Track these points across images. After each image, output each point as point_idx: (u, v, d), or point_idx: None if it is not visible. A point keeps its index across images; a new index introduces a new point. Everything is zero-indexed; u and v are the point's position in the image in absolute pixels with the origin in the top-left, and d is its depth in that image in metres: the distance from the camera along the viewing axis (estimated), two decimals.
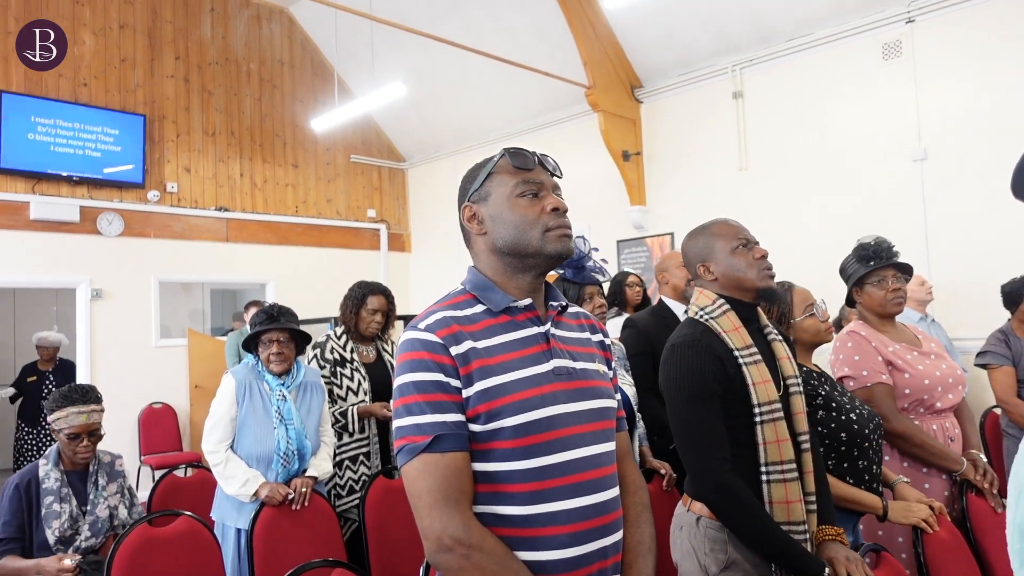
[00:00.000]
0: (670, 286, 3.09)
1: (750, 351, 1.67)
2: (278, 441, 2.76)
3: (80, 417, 2.57)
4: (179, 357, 6.86)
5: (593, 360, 1.31)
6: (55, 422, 2.58)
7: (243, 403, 2.81)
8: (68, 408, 2.57)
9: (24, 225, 6.03)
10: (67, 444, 2.58)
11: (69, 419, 2.56)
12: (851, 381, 2.36)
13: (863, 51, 4.99)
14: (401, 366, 1.19)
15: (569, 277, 2.53)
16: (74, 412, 2.57)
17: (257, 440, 2.76)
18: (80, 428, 2.56)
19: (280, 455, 2.76)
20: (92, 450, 2.63)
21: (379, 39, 7.10)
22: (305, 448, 2.84)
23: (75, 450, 2.58)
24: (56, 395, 2.60)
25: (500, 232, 1.25)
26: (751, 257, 1.75)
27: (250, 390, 2.83)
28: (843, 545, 1.64)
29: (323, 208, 8.18)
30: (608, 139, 6.04)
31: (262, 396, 2.83)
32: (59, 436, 2.59)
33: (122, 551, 2.23)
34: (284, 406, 2.81)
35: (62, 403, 2.58)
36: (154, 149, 6.88)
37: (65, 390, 2.62)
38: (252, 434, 2.78)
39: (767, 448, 1.60)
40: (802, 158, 5.31)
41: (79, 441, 2.58)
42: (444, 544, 1.09)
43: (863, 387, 2.32)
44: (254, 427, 2.78)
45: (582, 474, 1.18)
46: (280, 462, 2.75)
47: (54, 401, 2.59)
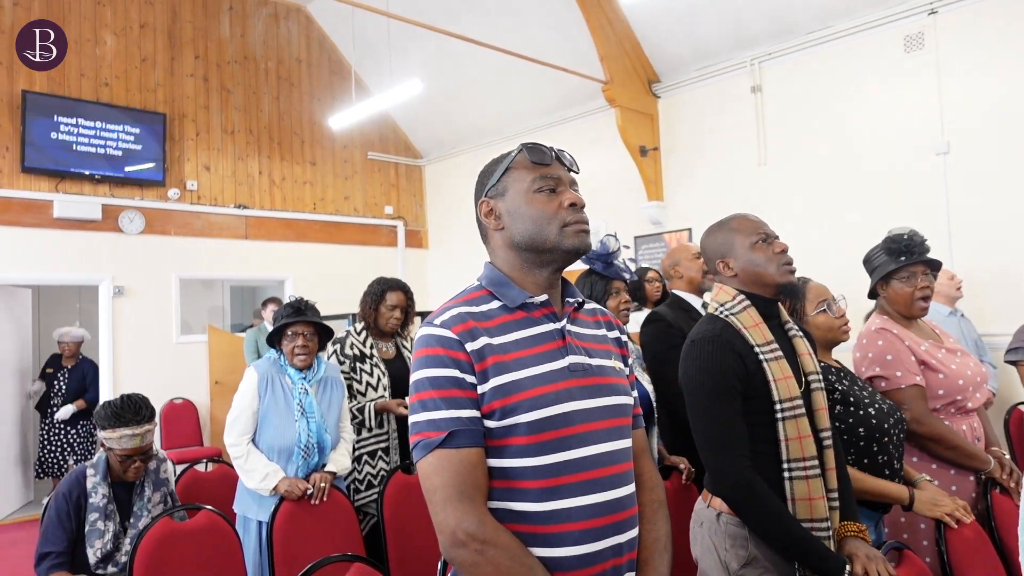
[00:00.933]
0: (684, 280, 3.01)
1: (771, 347, 1.65)
2: (299, 434, 2.79)
3: (134, 440, 2.48)
4: (199, 353, 6.93)
5: (609, 357, 1.30)
6: (106, 440, 2.48)
7: (265, 396, 2.84)
8: (121, 429, 2.46)
9: (48, 223, 6.12)
10: (118, 464, 2.51)
11: (122, 441, 2.46)
12: (883, 382, 2.26)
13: (885, 43, 4.91)
14: (417, 362, 1.19)
15: (599, 270, 2.54)
16: (128, 435, 2.46)
17: (278, 433, 2.80)
18: (133, 451, 2.49)
19: (301, 448, 2.79)
20: (144, 469, 2.57)
21: (396, 36, 7.11)
22: (325, 442, 2.86)
23: (126, 469, 2.51)
24: (108, 412, 2.48)
25: (518, 227, 1.24)
26: (771, 252, 1.72)
27: (272, 384, 2.86)
28: (864, 542, 1.62)
29: (341, 205, 8.22)
30: (625, 134, 6.01)
31: (284, 389, 2.87)
32: (110, 454, 2.51)
33: (144, 544, 2.25)
34: (306, 399, 2.84)
35: (114, 423, 2.46)
36: (174, 147, 6.95)
37: (117, 407, 2.49)
38: (273, 427, 2.81)
39: (789, 445, 1.59)
40: (822, 152, 5.24)
41: (131, 462, 2.51)
42: (458, 539, 1.09)
43: (896, 388, 2.23)
44: (275, 420, 2.81)
45: (597, 470, 1.17)
46: (300, 455, 2.78)
47: (106, 419, 2.47)
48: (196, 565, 2.34)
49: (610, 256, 2.51)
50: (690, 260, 3.00)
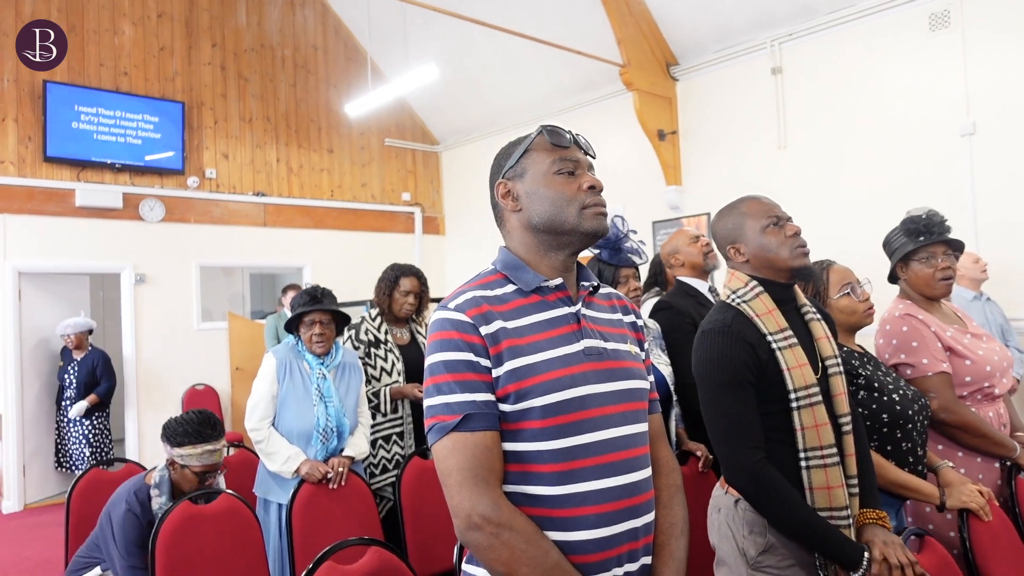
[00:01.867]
0: (687, 266, 2.93)
1: (784, 335, 1.62)
2: (317, 418, 2.84)
3: (214, 456, 2.49)
4: (220, 340, 7.01)
5: (625, 341, 1.29)
6: (184, 456, 2.44)
7: (284, 381, 2.88)
8: (203, 446, 2.45)
9: (71, 212, 6.20)
10: (194, 480, 2.47)
11: (203, 457, 2.45)
12: (908, 369, 2.21)
13: (909, 22, 4.80)
14: (431, 346, 1.19)
15: (605, 259, 2.49)
16: (208, 450, 2.46)
17: (297, 417, 2.84)
18: (211, 467, 2.49)
19: (319, 431, 2.83)
20: (213, 484, 2.56)
21: (411, 21, 7.08)
22: (343, 426, 2.90)
23: (201, 484, 2.49)
24: (188, 430, 2.45)
25: (536, 208, 1.23)
26: (783, 235, 1.68)
27: (290, 369, 2.90)
28: (884, 528, 1.60)
29: (358, 192, 8.24)
30: (643, 118, 5.95)
31: (302, 375, 2.91)
32: (182, 471, 2.47)
33: (164, 529, 2.28)
34: (324, 384, 2.88)
35: (196, 439, 2.44)
36: (193, 136, 6.99)
37: (196, 424, 2.46)
38: (292, 411, 2.85)
39: (805, 434, 1.56)
40: (844, 135, 5.16)
41: (208, 477, 2.51)
42: (473, 522, 1.09)
43: (922, 376, 2.18)
44: (294, 405, 2.86)
45: (612, 454, 1.16)
46: (319, 438, 2.82)
47: (185, 436, 2.44)
48: (217, 548, 2.37)
49: (618, 242, 2.46)
50: (688, 245, 2.93)
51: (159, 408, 6.49)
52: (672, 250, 2.98)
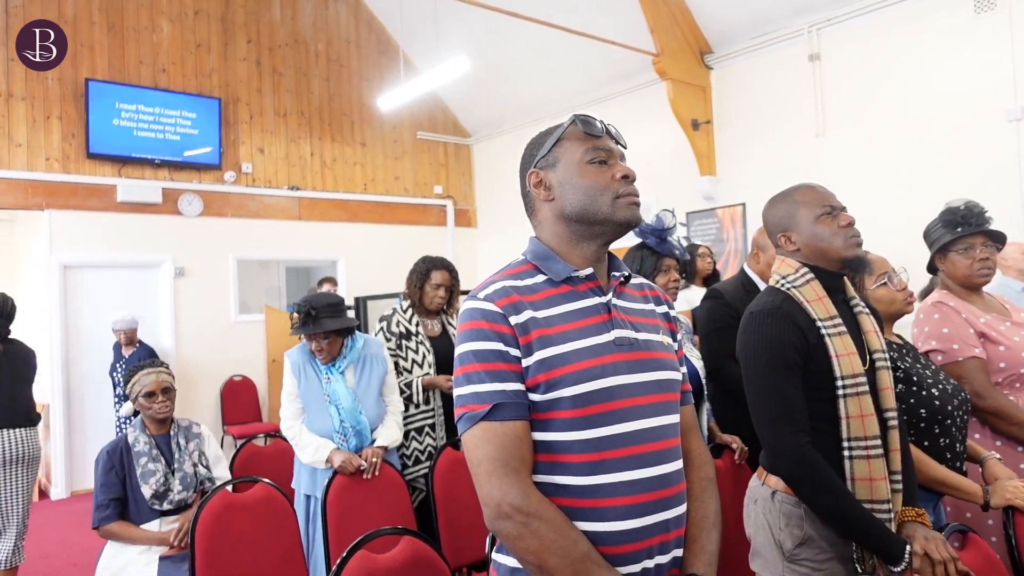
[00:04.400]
0: (762, 264, 2.88)
1: (834, 322, 1.59)
2: (332, 419, 2.87)
3: (153, 375, 2.85)
4: (257, 332, 7.13)
5: (657, 331, 1.27)
6: (131, 388, 2.86)
7: (300, 383, 2.92)
8: (139, 373, 2.87)
9: (113, 207, 6.36)
10: (145, 403, 2.83)
11: (142, 380, 2.84)
12: (939, 355, 2.19)
13: (953, 5, 4.66)
14: (461, 335, 1.19)
15: (652, 245, 2.48)
16: (143, 374, 2.86)
17: (317, 418, 2.89)
18: (154, 386, 2.82)
19: (337, 433, 2.86)
20: (168, 406, 2.85)
21: (443, 14, 7.09)
22: (361, 424, 2.89)
23: (151, 406, 2.82)
24: (127, 370, 2.94)
25: (569, 198, 1.23)
26: (836, 225, 1.64)
27: (304, 371, 2.93)
28: (924, 526, 1.56)
29: (391, 185, 8.29)
30: (677, 108, 5.88)
31: (317, 376, 2.93)
32: (138, 401, 2.85)
33: (205, 514, 2.33)
34: (329, 388, 2.89)
35: (132, 372, 2.89)
36: (229, 131, 7.11)
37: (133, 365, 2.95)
38: (312, 412, 2.90)
39: (850, 423, 1.53)
40: (884, 122, 5.03)
41: (155, 398, 2.82)
42: (503, 511, 1.09)
43: (953, 362, 2.16)
44: (312, 405, 2.90)
45: (643, 446, 1.15)
46: (339, 440, 2.84)
47: (127, 374, 2.90)
48: (254, 535, 2.41)
49: (664, 232, 2.44)
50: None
51: (200, 400, 6.64)
52: (763, 245, 2.88)
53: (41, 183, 6.05)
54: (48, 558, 4.43)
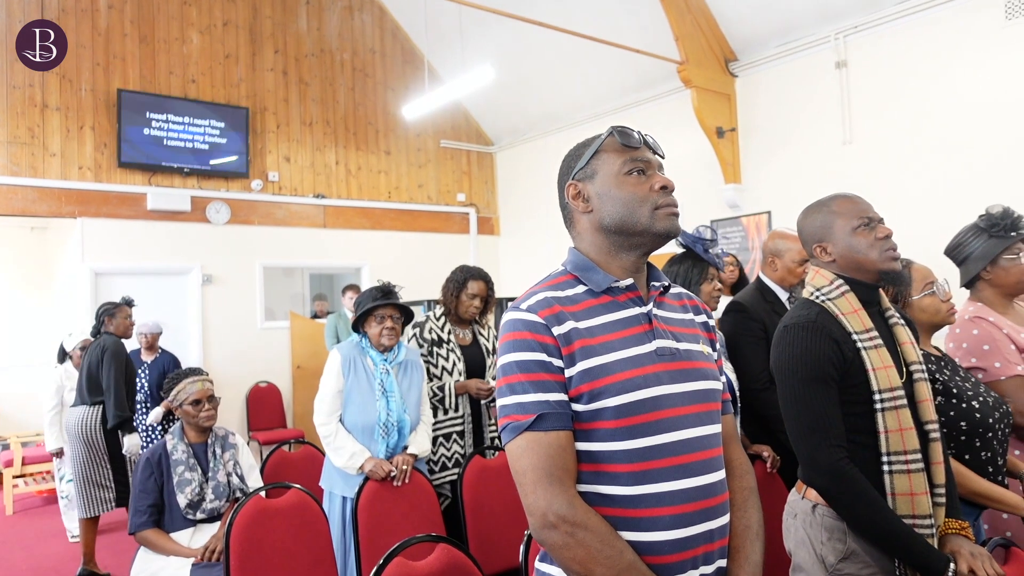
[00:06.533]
0: (779, 272, 2.84)
1: (870, 335, 1.58)
2: (379, 413, 2.90)
3: (198, 384, 2.93)
4: (282, 339, 7.20)
5: (697, 341, 1.28)
6: (176, 397, 2.89)
7: (348, 377, 2.97)
8: (184, 381, 2.93)
9: (143, 215, 6.46)
10: (192, 411, 2.89)
11: (187, 389, 2.91)
12: (980, 373, 2.14)
13: (983, 10, 4.60)
14: (504, 346, 1.19)
15: (699, 253, 2.51)
16: (188, 382, 2.93)
17: (361, 412, 2.92)
18: (199, 394, 2.90)
19: (380, 426, 2.89)
20: (213, 414, 2.92)
21: (467, 23, 7.13)
22: (404, 422, 2.96)
23: (198, 415, 2.88)
24: (172, 376, 2.99)
25: (608, 210, 1.23)
26: (873, 237, 1.63)
27: (354, 365, 2.98)
28: (968, 539, 1.54)
29: (414, 193, 8.35)
30: (701, 116, 5.86)
31: (366, 371, 2.99)
32: (182, 408, 2.91)
33: (239, 520, 2.37)
34: (387, 379, 2.95)
35: (177, 379, 2.95)
36: (256, 140, 7.21)
37: (173, 372, 3.05)
38: (356, 406, 2.94)
39: (889, 437, 1.52)
40: (913, 129, 4.97)
41: (201, 406, 2.90)
42: (549, 521, 1.09)
43: (995, 380, 2.11)
44: (358, 399, 2.94)
45: (687, 455, 1.15)
46: (380, 433, 2.88)
47: (169, 382, 2.97)
48: (286, 540, 2.44)
49: (709, 242, 2.50)
50: (794, 262, 2.81)
51: (226, 406, 6.69)
52: (776, 249, 2.82)
53: (74, 192, 6.16)
54: (79, 560, 4.49)
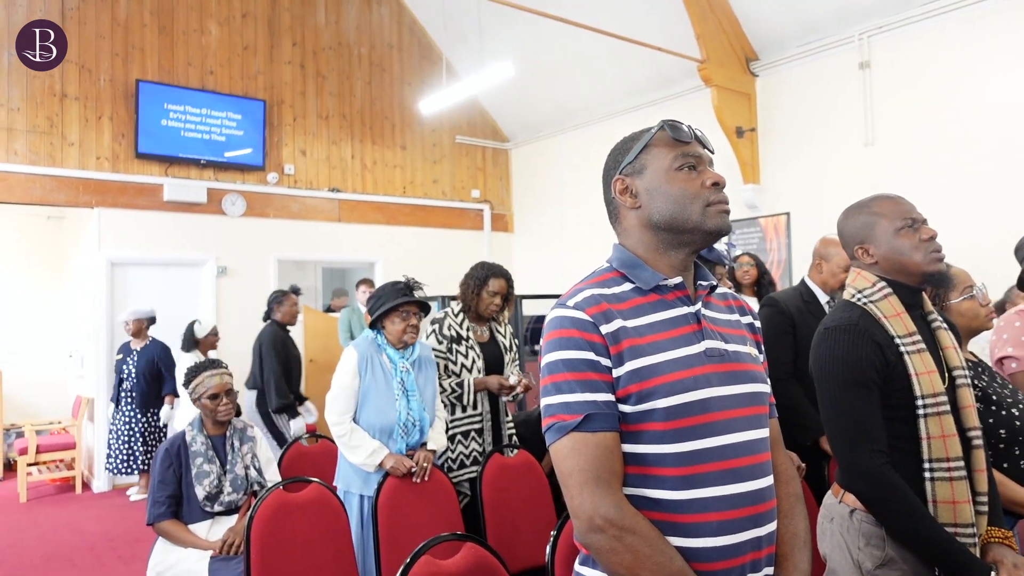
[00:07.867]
0: (822, 276, 2.80)
1: (913, 339, 1.54)
2: (399, 412, 2.85)
3: (217, 377, 2.90)
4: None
5: (744, 343, 1.25)
6: (195, 389, 2.87)
7: (365, 375, 2.90)
8: (203, 374, 2.90)
9: (159, 206, 6.47)
10: (210, 405, 2.86)
11: (206, 382, 2.88)
12: (1013, 363, 2.14)
13: (1012, 9, 4.54)
14: (549, 344, 1.16)
15: (703, 254, 2.46)
16: (207, 375, 2.89)
17: (379, 412, 2.86)
18: (218, 388, 2.88)
19: (400, 426, 2.84)
20: (231, 408, 2.90)
21: (485, 19, 7.10)
22: (424, 420, 2.92)
23: (216, 409, 2.86)
24: (192, 367, 2.95)
25: (657, 206, 1.20)
26: (917, 238, 1.59)
27: (371, 363, 2.92)
28: (1011, 549, 1.50)
29: (429, 189, 8.33)
30: (721, 115, 5.81)
31: (383, 369, 2.92)
32: (200, 401, 2.89)
33: (261, 513, 2.36)
34: (408, 378, 2.90)
35: (196, 372, 2.91)
36: (273, 133, 7.20)
37: (194, 364, 2.97)
38: (374, 406, 2.87)
39: (931, 443, 1.49)
40: (937, 131, 4.92)
41: (219, 400, 2.87)
42: (596, 524, 1.06)
43: None
44: (376, 399, 2.87)
45: (736, 460, 1.12)
46: (400, 433, 2.84)
47: (188, 374, 2.93)
48: (307, 534, 2.43)
49: None
50: (839, 267, 2.78)
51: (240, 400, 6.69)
52: (826, 254, 2.80)
53: (92, 181, 6.17)
54: (94, 550, 4.51)
